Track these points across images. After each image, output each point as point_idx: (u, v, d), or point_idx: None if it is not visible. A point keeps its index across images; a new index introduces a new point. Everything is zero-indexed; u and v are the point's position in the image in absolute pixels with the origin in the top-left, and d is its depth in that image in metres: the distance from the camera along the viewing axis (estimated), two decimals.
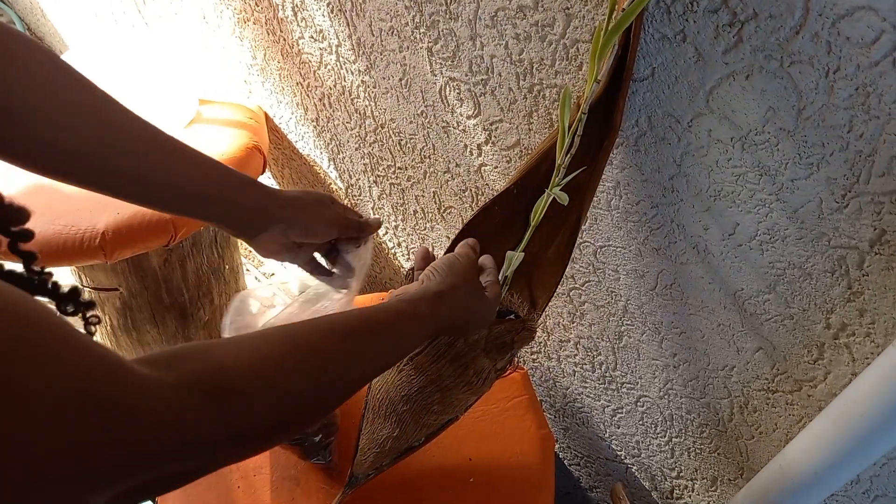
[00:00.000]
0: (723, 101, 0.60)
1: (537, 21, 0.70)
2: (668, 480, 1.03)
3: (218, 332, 1.55)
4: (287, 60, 1.17)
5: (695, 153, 0.65)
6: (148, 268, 1.32)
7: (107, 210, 1.13)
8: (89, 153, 0.49)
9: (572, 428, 1.16)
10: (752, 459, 0.85)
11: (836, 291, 0.63)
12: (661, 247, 0.76)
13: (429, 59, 0.87)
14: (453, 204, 1.04)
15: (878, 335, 0.62)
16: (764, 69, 0.55)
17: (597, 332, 0.95)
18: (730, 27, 0.55)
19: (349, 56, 1.00)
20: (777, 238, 0.64)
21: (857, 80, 0.51)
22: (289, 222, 0.63)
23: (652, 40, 0.62)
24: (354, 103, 1.08)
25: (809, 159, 0.57)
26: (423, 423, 0.72)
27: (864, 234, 0.57)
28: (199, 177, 0.56)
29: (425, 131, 0.97)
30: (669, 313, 0.81)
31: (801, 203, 0.60)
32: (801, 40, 0.52)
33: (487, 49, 0.77)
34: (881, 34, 0.48)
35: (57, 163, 0.49)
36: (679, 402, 0.90)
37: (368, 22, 0.92)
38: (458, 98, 0.87)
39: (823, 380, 0.70)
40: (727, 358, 0.78)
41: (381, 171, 1.15)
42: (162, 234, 1.15)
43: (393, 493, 0.83)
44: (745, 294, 0.70)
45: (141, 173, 0.53)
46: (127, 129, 0.52)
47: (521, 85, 0.77)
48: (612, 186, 0.76)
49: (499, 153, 0.88)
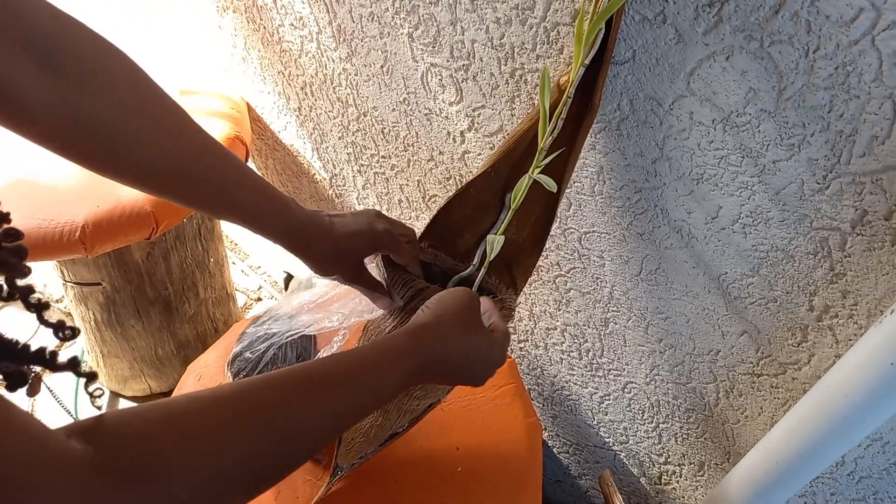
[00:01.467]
0: (704, 83, 0.59)
1: (517, 4, 0.69)
2: (655, 466, 1.03)
3: (203, 324, 1.54)
4: (268, 49, 1.15)
5: (677, 136, 0.65)
6: (130, 261, 1.31)
7: (87, 203, 1.11)
8: (168, 170, 0.53)
9: (561, 416, 1.16)
10: (738, 444, 0.85)
11: (818, 273, 0.62)
12: (644, 232, 0.75)
13: (410, 45, 0.86)
14: (438, 192, 1.03)
15: (861, 317, 0.62)
16: (744, 50, 0.55)
17: (583, 319, 0.95)
18: (709, 7, 0.55)
19: (330, 43, 0.99)
20: (760, 220, 0.63)
21: (837, 59, 0.50)
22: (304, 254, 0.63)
23: (632, 22, 0.61)
24: (336, 91, 1.07)
25: (791, 140, 0.57)
26: (405, 408, 0.72)
27: (845, 216, 0.57)
28: (252, 200, 0.58)
29: (408, 119, 0.96)
30: (654, 299, 0.81)
31: (784, 185, 0.60)
32: (780, 20, 0.51)
33: (468, 34, 0.77)
34: (860, 12, 0.47)
35: (133, 176, 0.52)
36: (665, 388, 0.90)
37: (348, 8, 0.90)
38: (440, 84, 0.86)
39: (808, 362, 0.70)
40: (712, 342, 0.78)
41: (364, 160, 1.14)
42: (143, 227, 1.13)
43: (381, 484, 0.83)
44: (729, 278, 0.70)
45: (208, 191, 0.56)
46: (199, 150, 0.55)
47: (502, 70, 0.76)
48: (595, 171, 0.75)
49: (482, 140, 0.87)
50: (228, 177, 0.56)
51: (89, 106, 0.47)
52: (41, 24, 0.45)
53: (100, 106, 0.48)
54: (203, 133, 0.55)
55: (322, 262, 0.65)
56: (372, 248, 0.67)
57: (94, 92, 0.47)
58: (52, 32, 0.45)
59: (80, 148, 0.49)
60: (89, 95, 0.47)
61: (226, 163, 0.56)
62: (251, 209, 0.58)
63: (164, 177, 0.53)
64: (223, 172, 0.56)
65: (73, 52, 0.46)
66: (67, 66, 0.46)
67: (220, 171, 0.55)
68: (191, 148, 0.54)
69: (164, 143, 0.52)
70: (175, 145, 0.52)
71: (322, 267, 0.65)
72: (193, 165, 0.54)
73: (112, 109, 0.48)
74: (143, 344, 1.47)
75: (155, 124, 0.51)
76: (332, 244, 0.63)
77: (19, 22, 0.43)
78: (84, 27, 0.48)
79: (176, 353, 1.53)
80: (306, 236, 0.62)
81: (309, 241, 0.62)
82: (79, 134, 0.48)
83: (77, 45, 0.47)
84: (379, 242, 0.66)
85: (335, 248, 0.64)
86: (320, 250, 0.63)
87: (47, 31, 0.45)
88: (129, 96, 0.50)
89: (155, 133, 0.51)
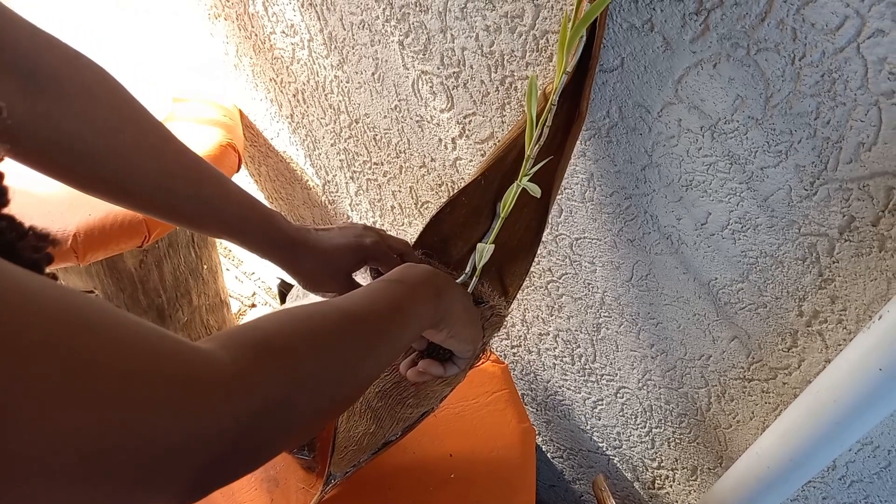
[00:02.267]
0: (692, 90, 0.60)
1: (507, 12, 0.69)
2: (649, 471, 1.03)
3: (197, 332, 1.53)
4: (259, 56, 1.15)
5: (665, 143, 0.65)
6: (123, 269, 1.30)
7: (78, 211, 1.11)
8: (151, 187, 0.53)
9: (554, 421, 1.16)
10: (730, 448, 0.85)
11: (807, 279, 0.63)
12: (635, 238, 0.75)
13: (400, 52, 0.86)
14: (430, 199, 1.03)
15: (850, 322, 0.62)
16: (731, 57, 0.55)
17: (575, 325, 0.95)
18: (696, 15, 0.55)
19: (321, 51, 0.99)
20: (749, 227, 0.64)
21: (823, 66, 0.51)
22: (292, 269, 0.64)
23: (620, 30, 0.61)
24: (328, 99, 1.07)
25: (778, 147, 0.57)
26: (399, 416, 0.72)
27: (833, 221, 0.57)
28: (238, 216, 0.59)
29: (399, 126, 0.97)
30: (646, 304, 0.81)
31: (772, 191, 0.60)
32: (766, 27, 0.52)
33: (458, 41, 0.77)
34: (845, 20, 0.48)
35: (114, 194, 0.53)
36: (658, 393, 0.90)
37: (339, 16, 0.91)
38: (431, 92, 0.86)
39: (798, 367, 0.70)
40: (703, 347, 0.78)
41: (356, 166, 1.14)
42: (135, 235, 1.13)
43: (374, 491, 0.83)
44: (719, 283, 0.70)
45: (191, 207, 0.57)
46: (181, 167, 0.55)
47: (492, 77, 0.77)
48: (585, 178, 0.75)
49: (473, 147, 0.87)
50: (212, 192, 0.56)
51: (70, 126, 0.48)
52: (21, 45, 0.45)
53: (80, 126, 0.48)
54: (185, 150, 0.56)
55: (310, 277, 0.65)
56: (360, 262, 0.67)
57: (75, 113, 0.48)
58: (31, 53, 0.46)
59: (61, 167, 0.49)
60: (70, 116, 0.48)
61: (209, 178, 0.57)
62: (237, 224, 0.59)
63: (146, 193, 0.54)
64: (207, 188, 0.56)
65: (53, 73, 0.47)
66: (49, 88, 0.47)
67: (203, 186, 0.56)
68: (173, 165, 0.54)
69: (144, 160, 0.52)
70: (157, 162, 0.53)
71: (310, 282, 0.65)
72: (176, 182, 0.54)
73: (93, 129, 0.49)
74: None
75: (136, 142, 0.52)
76: (319, 259, 0.63)
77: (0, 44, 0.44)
78: (63, 45, 0.49)
79: None
80: (293, 251, 0.62)
81: (296, 256, 0.63)
82: (59, 153, 0.48)
83: (57, 66, 0.48)
84: (367, 255, 0.67)
85: (323, 262, 0.64)
86: (309, 265, 0.64)
87: (27, 52, 0.46)
88: (111, 116, 0.50)
89: (136, 151, 0.52)
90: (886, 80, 0.48)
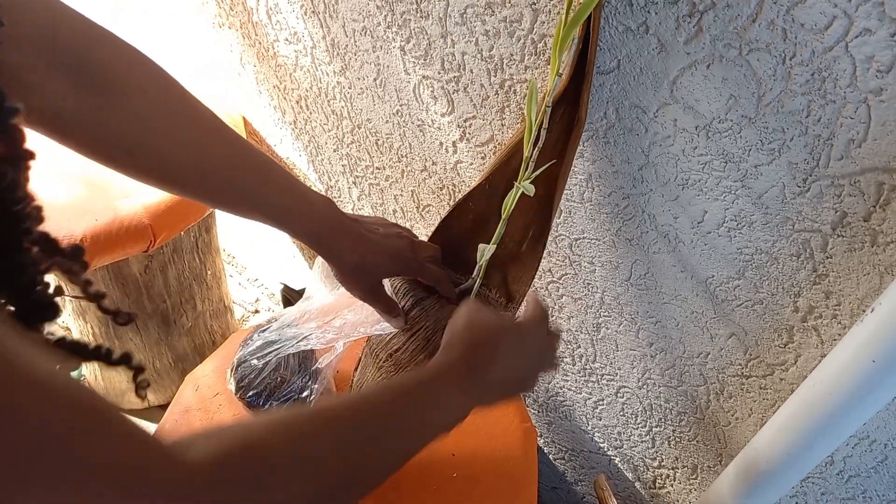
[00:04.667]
0: (686, 91, 0.61)
1: (505, 17, 0.71)
2: (650, 470, 1.04)
3: (201, 337, 1.54)
4: (263, 63, 1.17)
5: (662, 143, 0.66)
6: (128, 275, 1.32)
7: (84, 217, 1.12)
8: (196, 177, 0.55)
9: (556, 422, 1.17)
10: (729, 446, 0.86)
11: (802, 275, 0.64)
12: (633, 237, 0.77)
13: (402, 58, 0.87)
14: (431, 202, 1.05)
15: (845, 316, 0.63)
16: (724, 58, 0.57)
17: (575, 325, 0.96)
18: (689, 17, 0.57)
19: (324, 57, 1.01)
20: (744, 224, 0.65)
21: (813, 65, 0.52)
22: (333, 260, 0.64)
23: (616, 32, 0.63)
24: (331, 104, 1.08)
25: (771, 145, 0.58)
26: None
27: (826, 218, 0.59)
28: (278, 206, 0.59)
29: (401, 130, 0.98)
30: (644, 303, 0.82)
31: (765, 189, 0.61)
32: (757, 28, 0.53)
33: (458, 46, 0.78)
34: (833, 20, 0.49)
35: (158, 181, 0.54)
36: (657, 392, 0.91)
37: (342, 23, 0.92)
38: (431, 96, 0.88)
39: (794, 363, 0.71)
40: (702, 345, 0.79)
41: (359, 171, 1.15)
42: (141, 240, 1.14)
43: (376, 491, 0.83)
44: (716, 281, 0.72)
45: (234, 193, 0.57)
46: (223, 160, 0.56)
47: (492, 81, 0.78)
48: (584, 179, 0.77)
49: (473, 150, 0.89)
50: (252, 180, 0.57)
51: (120, 121, 0.49)
52: (75, 41, 0.46)
53: (131, 125, 0.50)
54: (233, 139, 0.56)
55: (344, 270, 0.65)
56: (395, 273, 0.69)
57: (127, 110, 0.49)
58: (84, 49, 0.47)
59: (109, 158, 0.51)
60: (120, 111, 0.49)
61: (252, 167, 0.57)
62: (276, 213, 0.59)
63: (189, 181, 0.55)
64: (247, 176, 0.57)
65: (104, 69, 0.48)
66: (99, 83, 0.48)
67: (244, 175, 0.56)
68: (216, 160, 0.55)
69: (189, 156, 0.53)
70: (199, 158, 0.54)
71: (343, 274, 0.65)
72: (221, 170, 0.55)
73: (143, 128, 0.50)
74: (141, 357, 1.48)
75: (183, 140, 0.53)
76: (359, 257, 0.63)
77: (53, 41, 0.45)
78: (115, 39, 0.50)
79: (174, 365, 1.53)
80: (330, 241, 0.62)
81: (333, 246, 0.62)
82: (108, 147, 0.50)
83: (109, 61, 0.49)
84: (404, 270, 0.68)
85: (362, 261, 0.64)
86: (347, 259, 0.63)
87: (80, 48, 0.47)
88: (162, 116, 0.52)
89: (181, 148, 0.53)
90: (874, 78, 0.50)
